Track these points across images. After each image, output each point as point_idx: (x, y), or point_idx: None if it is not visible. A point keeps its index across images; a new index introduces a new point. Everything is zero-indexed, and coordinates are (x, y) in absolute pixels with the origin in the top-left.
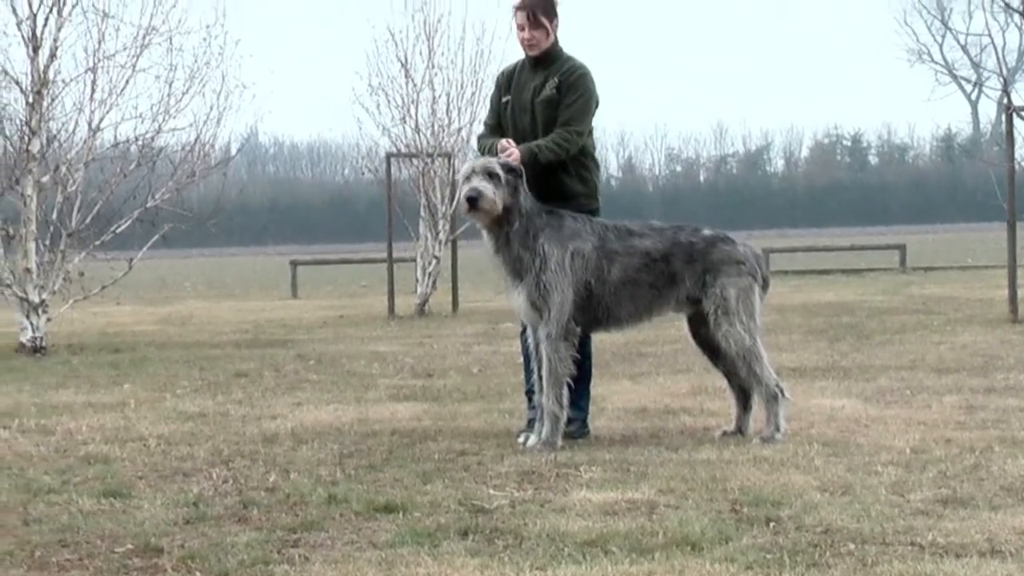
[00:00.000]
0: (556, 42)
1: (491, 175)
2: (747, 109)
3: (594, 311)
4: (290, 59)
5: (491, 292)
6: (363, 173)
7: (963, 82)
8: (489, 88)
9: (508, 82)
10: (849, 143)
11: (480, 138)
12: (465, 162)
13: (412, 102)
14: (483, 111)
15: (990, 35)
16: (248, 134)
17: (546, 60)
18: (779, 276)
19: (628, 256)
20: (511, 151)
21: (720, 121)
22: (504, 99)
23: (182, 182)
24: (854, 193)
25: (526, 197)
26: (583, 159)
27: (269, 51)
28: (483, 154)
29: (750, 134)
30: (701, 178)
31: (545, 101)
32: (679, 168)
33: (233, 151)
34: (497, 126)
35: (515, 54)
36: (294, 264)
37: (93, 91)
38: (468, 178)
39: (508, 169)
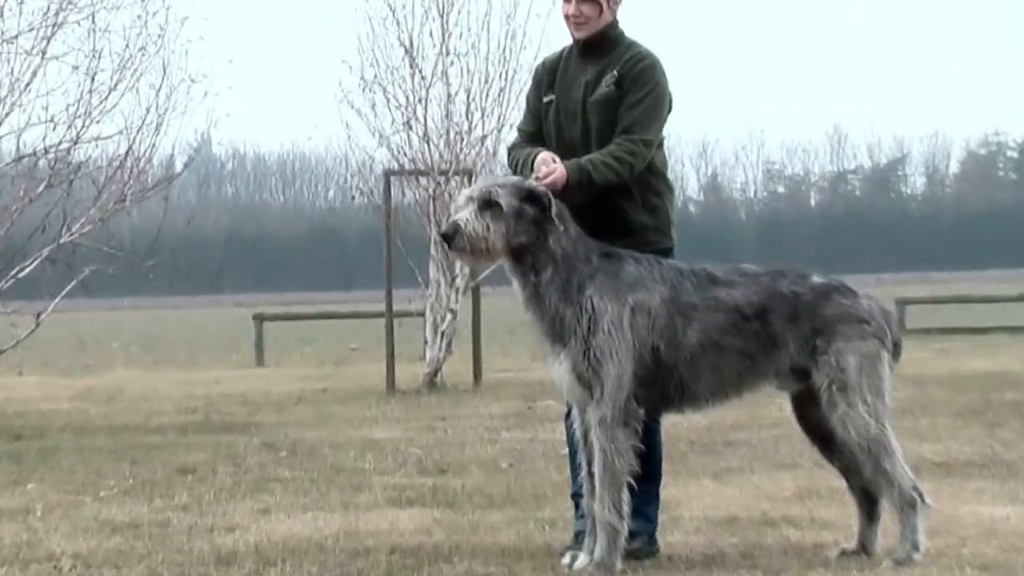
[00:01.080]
0: (615, 22)
1: (488, 204)
2: (874, 111)
3: (664, 386)
4: (256, 44)
5: (526, 357)
6: (352, 197)
7: None
8: (523, 83)
9: (551, 76)
10: (1016, 154)
11: (511, 149)
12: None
13: (419, 101)
14: (515, 114)
15: None
16: (198, 144)
17: (601, 46)
18: (917, 336)
19: (710, 312)
20: (552, 170)
21: (837, 126)
22: (545, 99)
23: (108, 209)
24: (1022, 221)
25: (563, 235)
26: (651, 179)
27: (227, 34)
28: (515, 172)
29: (879, 143)
30: (812, 202)
31: (600, 101)
32: (781, 189)
33: (178, 167)
34: (536, 134)
35: (560, 39)
36: (259, 319)
37: None
38: (458, 208)
39: (526, 197)
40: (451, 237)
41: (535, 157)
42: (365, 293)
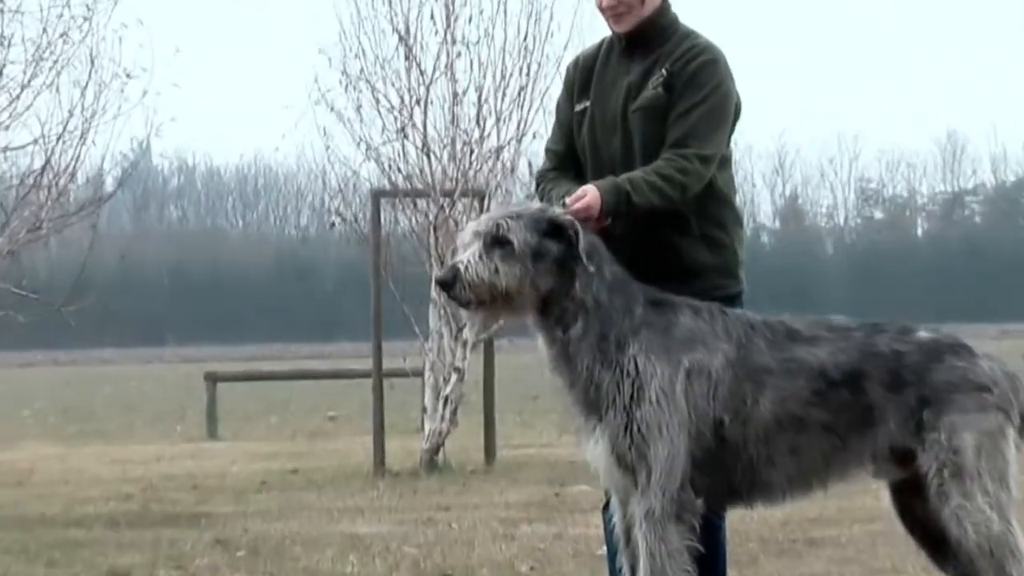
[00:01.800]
0: (666, 7)
1: (497, 241)
2: (999, 115)
3: (728, 472)
4: (210, 29)
5: (552, 430)
6: (332, 223)
7: None
8: (550, 79)
9: (586, 78)
10: None
11: (540, 179)
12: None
13: (417, 102)
14: (539, 119)
15: None
16: (135, 156)
17: (648, 39)
18: None
19: (789, 376)
20: (583, 194)
21: (952, 135)
22: (579, 107)
23: (19, 239)
24: None
25: (596, 278)
26: (712, 206)
27: (173, 16)
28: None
29: (1004, 156)
30: (918, 231)
31: (646, 108)
32: (879, 214)
33: (109, 185)
34: (568, 156)
35: (598, 27)
36: (212, 379)
37: None
38: (462, 246)
39: (548, 230)
40: (450, 284)
41: (569, 193)
42: (347, 347)
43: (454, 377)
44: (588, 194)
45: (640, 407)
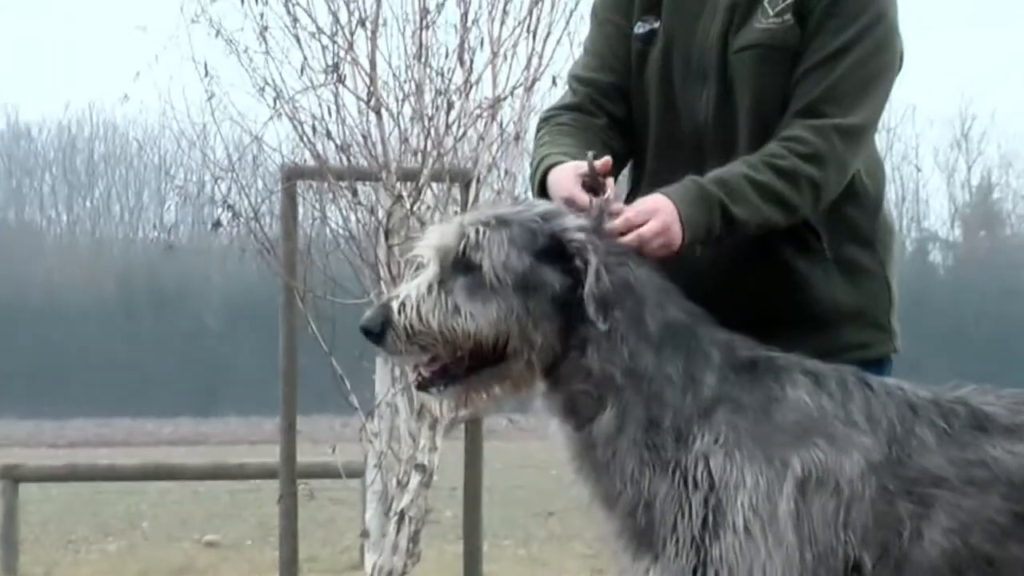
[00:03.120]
0: None
1: (466, 265)
2: None
3: None
4: None
5: (579, 567)
6: (216, 222)
7: None
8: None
9: None
10: None
11: (544, 123)
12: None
13: (362, 22)
14: (559, 55)
15: None
16: None
17: None
18: None
19: (973, 492)
20: (644, 211)
21: None
22: (640, 27)
23: None
24: None
25: (630, 336)
26: (854, 215)
27: None
28: (534, 182)
29: None
30: None
31: (762, 46)
32: None
33: None
34: (606, 95)
35: None
36: (12, 477)
37: None
38: (412, 270)
39: (546, 251)
40: (375, 333)
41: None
42: (237, 425)
43: (415, 479)
44: (659, 211)
45: (719, 539)
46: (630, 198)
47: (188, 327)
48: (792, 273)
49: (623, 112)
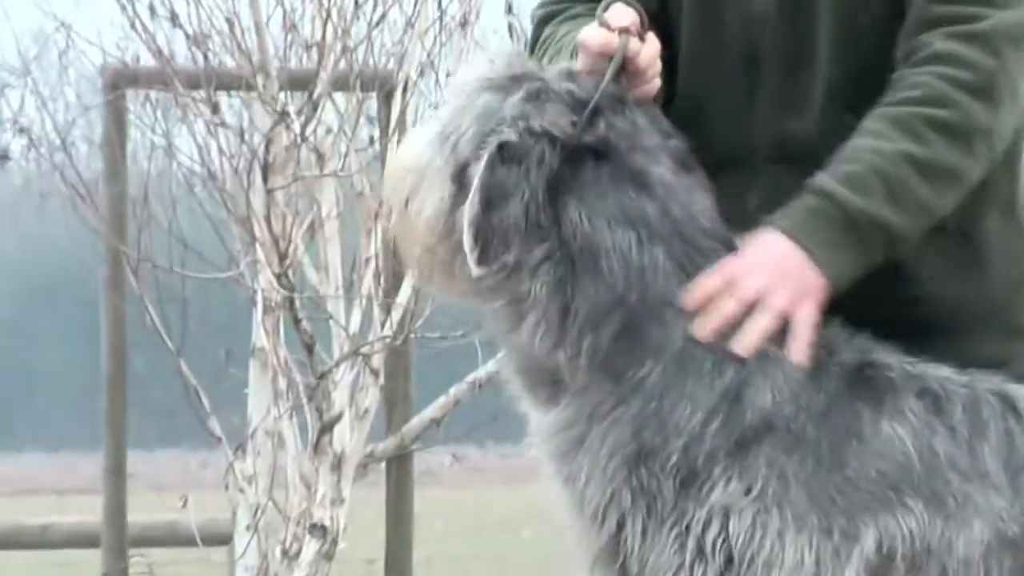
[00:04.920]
0: None
1: (459, 173)
2: None
3: None
4: None
5: None
6: (2, 156)
7: None
8: None
9: None
10: None
11: (547, 29)
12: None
13: None
14: None
15: None
16: None
17: None
18: None
19: None
20: (750, 262)
21: None
22: None
23: None
24: None
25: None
26: (1000, 180)
27: None
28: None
29: None
30: None
31: None
32: None
33: None
34: None
35: None
36: None
37: None
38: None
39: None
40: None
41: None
42: (36, 464)
43: (311, 547)
44: (764, 257)
45: None
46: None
47: None
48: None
49: (655, 4)
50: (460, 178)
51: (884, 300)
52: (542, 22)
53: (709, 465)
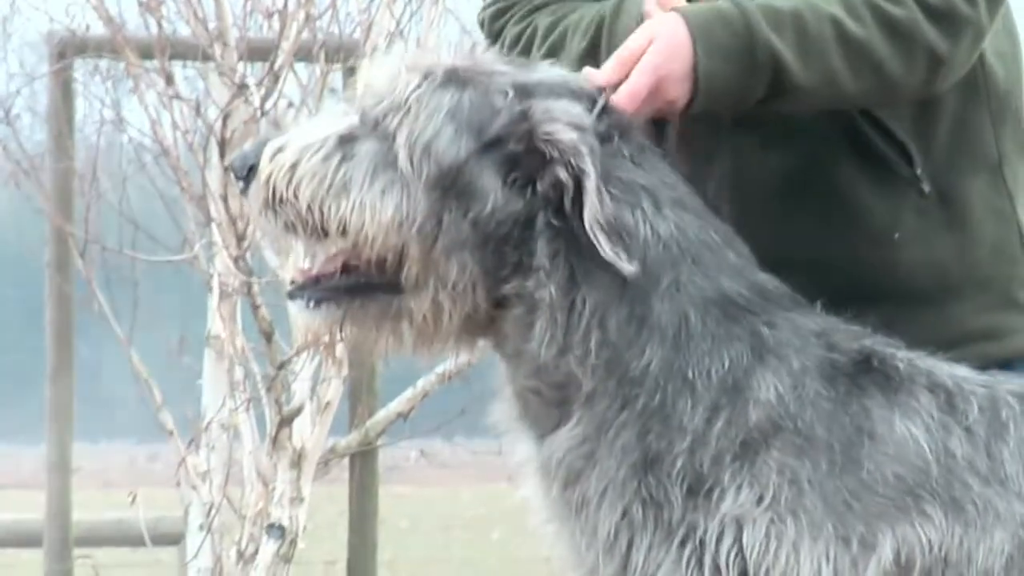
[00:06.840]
0: None
1: (384, 135)
2: None
3: None
4: None
5: None
6: None
7: None
8: None
9: None
10: None
11: None
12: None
13: None
14: None
15: None
16: None
17: None
18: None
19: None
20: (636, 43)
21: None
22: None
23: None
24: None
25: (625, 309)
26: (976, 108)
27: None
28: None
29: None
30: None
31: None
32: None
33: None
34: None
35: None
36: None
37: None
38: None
39: (509, 145)
40: (242, 175)
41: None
42: None
43: (268, 548)
44: (653, 36)
45: None
46: None
47: None
48: (864, 217)
49: None
50: (454, 181)
51: (858, 268)
52: (496, 17)
53: (716, 470)
